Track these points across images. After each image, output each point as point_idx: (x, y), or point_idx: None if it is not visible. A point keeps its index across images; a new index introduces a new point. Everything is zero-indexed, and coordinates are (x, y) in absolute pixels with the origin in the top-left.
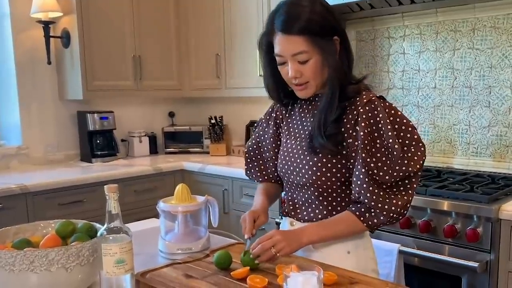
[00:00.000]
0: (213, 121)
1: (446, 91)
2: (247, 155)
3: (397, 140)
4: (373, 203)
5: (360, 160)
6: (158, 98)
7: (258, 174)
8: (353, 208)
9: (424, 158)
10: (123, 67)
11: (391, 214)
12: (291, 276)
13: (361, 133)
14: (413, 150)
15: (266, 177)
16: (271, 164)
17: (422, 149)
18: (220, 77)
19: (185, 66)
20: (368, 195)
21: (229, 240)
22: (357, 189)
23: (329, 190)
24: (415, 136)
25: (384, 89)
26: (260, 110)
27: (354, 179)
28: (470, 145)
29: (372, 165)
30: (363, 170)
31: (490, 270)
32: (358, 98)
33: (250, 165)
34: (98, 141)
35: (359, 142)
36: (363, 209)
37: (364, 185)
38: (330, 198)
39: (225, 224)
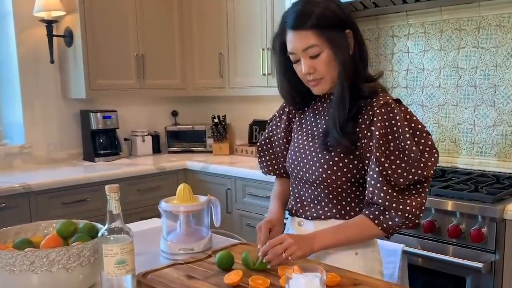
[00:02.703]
0: (216, 120)
1: (450, 90)
2: (259, 148)
3: (414, 143)
4: (387, 203)
5: (374, 160)
6: (161, 97)
7: (270, 168)
8: (367, 212)
9: (437, 163)
10: (126, 66)
11: (406, 215)
12: (294, 278)
13: (377, 133)
14: (427, 155)
15: (277, 171)
16: (282, 159)
17: (436, 155)
18: (224, 76)
19: (188, 65)
20: (382, 195)
21: (231, 240)
22: (370, 189)
23: (339, 190)
24: (429, 142)
25: (388, 88)
26: (264, 109)
27: (368, 179)
28: (474, 145)
29: (386, 165)
30: (377, 169)
31: (495, 270)
32: (374, 99)
33: (262, 159)
34: (101, 140)
35: (374, 142)
36: (377, 212)
37: (378, 185)
38: (339, 197)
39: (227, 224)
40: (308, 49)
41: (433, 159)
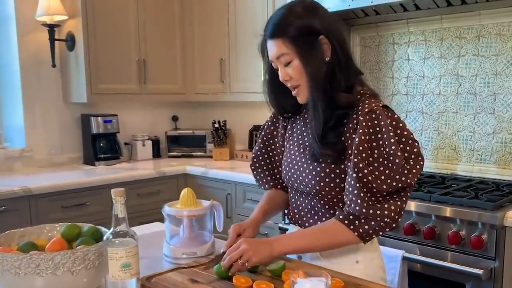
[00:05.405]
0: (216, 125)
1: (450, 97)
2: (255, 159)
3: (399, 149)
4: (364, 211)
5: (352, 167)
6: (162, 101)
7: (268, 179)
8: (341, 216)
9: (421, 171)
10: (127, 71)
11: (385, 219)
12: (298, 283)
13: (357, 140)
14: (412, 163)
15: (276, 182)
16: (281, 168)
17: (421, 163)
18: (224, 81)
19: (189, 70)
20: (359, 202)
21: None
22: (350, 197)
23: (334, 200)
24: (415, 150)
25: (388, 95)
26: (264, 115)
27: (347, 186)
28: (474, 152)
29: (366, 171)
30: (354, 175)
31: (495, 277)
32: (360, 106)
33: (259, 170)
34: (101, 144)
35: (353, 148)
36: (351, 217)
37: (356, 192)
38: (335, 207)
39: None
40: (280, 57)
41: (418, 166)
